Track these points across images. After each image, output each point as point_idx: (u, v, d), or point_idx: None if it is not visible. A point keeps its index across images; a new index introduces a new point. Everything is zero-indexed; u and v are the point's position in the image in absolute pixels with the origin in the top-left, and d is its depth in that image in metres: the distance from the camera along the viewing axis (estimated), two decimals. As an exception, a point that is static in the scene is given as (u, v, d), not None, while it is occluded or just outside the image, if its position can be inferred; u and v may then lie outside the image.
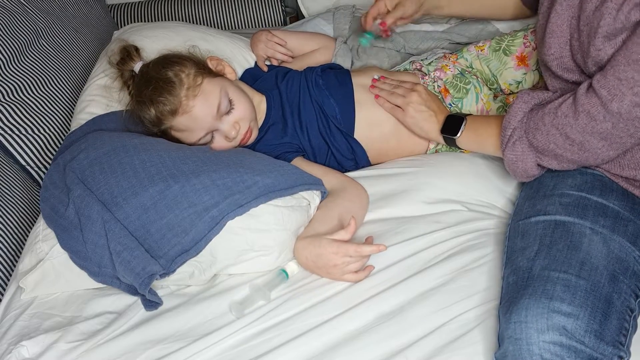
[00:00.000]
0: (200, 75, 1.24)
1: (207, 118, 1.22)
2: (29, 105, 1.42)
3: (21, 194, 1.34)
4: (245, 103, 1.28)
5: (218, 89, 1.24)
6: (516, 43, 1.35)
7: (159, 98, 1.21)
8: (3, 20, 1.45)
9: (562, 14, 0.99)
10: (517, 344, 0.86)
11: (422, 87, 1.29)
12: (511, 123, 1.05)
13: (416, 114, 1.25)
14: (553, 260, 0.92)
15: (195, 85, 1.22)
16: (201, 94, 1.22)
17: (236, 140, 1.27)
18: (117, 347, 1.01)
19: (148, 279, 1.02)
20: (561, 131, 0.97)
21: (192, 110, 1.21)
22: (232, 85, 1.29)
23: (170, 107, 1.20)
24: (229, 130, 1.24)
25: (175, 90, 1.21)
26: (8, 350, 1.02)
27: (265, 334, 1.00)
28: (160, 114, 1.22)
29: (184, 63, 1.25)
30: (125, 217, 1.06)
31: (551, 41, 1.02)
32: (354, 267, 1.04)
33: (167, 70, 1.23)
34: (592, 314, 0.86)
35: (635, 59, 0.86)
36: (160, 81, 1.22)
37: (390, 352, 0.94)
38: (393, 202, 1.20)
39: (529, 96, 1.05)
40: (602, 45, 0.92)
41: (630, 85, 0.87)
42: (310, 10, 2.00)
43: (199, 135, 1.24)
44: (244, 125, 1.26)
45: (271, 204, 1.08)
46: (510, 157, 1.06)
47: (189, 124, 1.23)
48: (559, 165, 1.03)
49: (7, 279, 1.22)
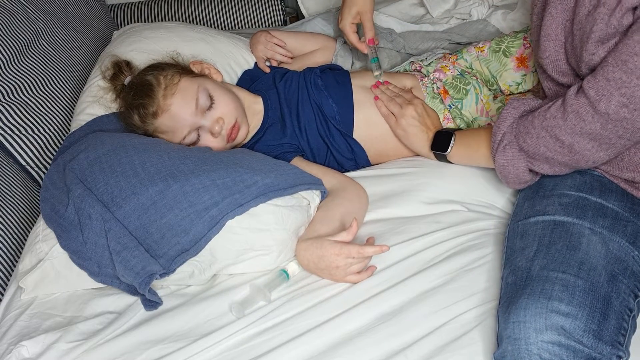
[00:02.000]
0: (177, 74, 1.26)
1: (186, 115, 1.23)
2: (29, 105, 1.42)
3: (21, 194, 1.34)
4: (227, 99, 1.28)
5: (196, 85, 1.25)
6: (516, 44, 1.35)
7: (139, 101, 1.24)
8: (3, 20, 1.45)
9: (556, 17, 0.99)
10: (516, 344, 0.86)
11: (420, 101, 1.29)
12: (501, 128, 1.05)
13: (407, 127, 1.26)
14: (552, 260, 0.93)
15: (172, 84, 1.24)
16: (178, 92, 1.23)
17: (223, 136, 1.26)
18: (117, 347, 1.01)
19: (148, 278, 1.02)
20: (550, 133, 0.97)
21: (170, 108, 1.23)
22: (213, 82, 1.30)
23: (150, 108, 1.23)
24: (212, 125, 1.24)
25: (153, 92, 1.23)
26: (8, 350, 1.02)
27: (266, 333, 1.00)
28: (142, 117, 1.24)
29: (164, 67, 1.28)
30: (125, 217, 1.06)
31: (546, 44, 1.02)
32: (356, 268, 1.04)
33: (146, 75, 1.27)
34: (590, 314, 0.86)
35: (624, 60, 0.87)
36: (140, 86, 1.26)
37: (390, 352, 0.94)
38: (393, 203, 1.20)
39: (519, 102, 1.05)
40: (595, 49, 0.92)
41: (617, 85, 0.88)
42: (310, 10, 2.00)
43: (182, 134, 1.24)
44: (229, 120, 1.26)
45: (271, 204, 1.08)
46: (501, 162, 1.06)
47: (170, 123, 1.24)
48: (550, 169, 1.03)
49: (7, 279, 1.22)
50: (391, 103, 1.30)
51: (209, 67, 1.36)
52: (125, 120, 1.29)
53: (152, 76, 1.25)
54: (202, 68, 1.35)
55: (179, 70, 1.28)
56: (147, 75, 1.26)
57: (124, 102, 1.31)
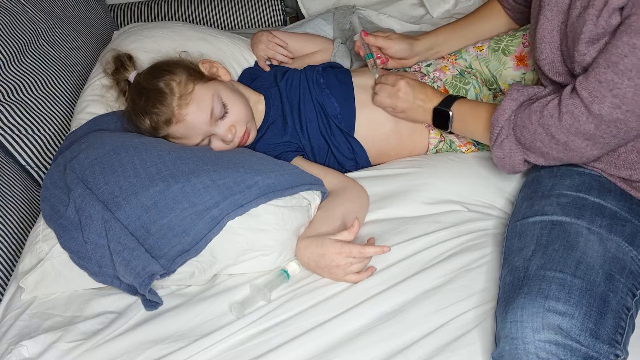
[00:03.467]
0: (191, 82, 1.24)
1: (201, 125, 1.22)
2: (29, 105, 1.42)
3: (21, 194, 1.34)
4: (240, 105, 1.27)
5: (210, 94, 1.23)
6: (515, 43, 1.35)
7: (152, 109, 1.22)
8: (3, 20, 1.45)
9: (551, 19, 1.00)
10: (513, 344, 0.86)
11: (404, 82, 1.26)
12: (499, 121, 1.06)
13: (407, 111, 1.27)
14: (549, 259, 0.93)
15: (186, 93, 1.22)
16: (193, 102, 1.22)
17: (234, 143, 1.27)
18: (117, 347, 1.01)
19: (148, 278, 1.02)
20: (547, 130, 0.98)
21: (186, 118, 1.21)
22: (225, 88, 1.28)
23: (164, 117, 1.21)
24: (225, 134, 1.24)
25: (167, 100, 1.21)
26: (8, 350, 1.02)
27: (266, 334, 1.00)
28: (155, 124, 1.23)
29: (175, 71, 1.25)
30: (126, 217, 1.06)
31: (542, 46, 1.03)
32: (356, 268, 1.05)
33: (158, 80, 1.23)
34: (587, 313, 0.86)
35: (615, 62, 0.87)
36: (151, 92, 1.22)
37: (390, 352, 0.94)
38: (393, 203, 1.20)
39: (519, 93, 1.06)
40: (585, 50, 0.93)
41: (609, 87, 0.88)
42: (310, 10, 2.00)
43: (196, 141, 1.25)
44: (240, 128, 1.26)
45: (271, 204, 1.08)
46: (498, 154, 1.07)
47: (184, 131, 1.23)
48: (545, 162, 1.04)
49: (7, 279, 1.22)
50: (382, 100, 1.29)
51: (217, 67, 1.34)
52: (132, 121, 1.27)
53: (164, 82, 1.22)
54: (211, 68, 1.33)
55: (191, 76, 1.25)
56: (158, 80, 1.23)
57: (132, 104, 1.28)
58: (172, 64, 1.29)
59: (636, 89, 0.87)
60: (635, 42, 0.85)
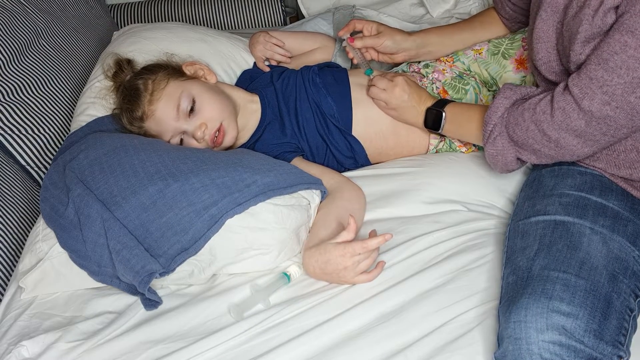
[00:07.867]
0: (165, 79, 1.26)
1: (168, 120, 1.24)
2: (29, 105, 1.42)
3: (21, 194, 1.34)
4: (214, 104, 1.27)
5: (180, 90, 1.25)
6: (515, 46, 1.35)
7: (127, 106, 1.27)
8: (3, 20, 1.45)
9: (547, 19, 1.01)
10: (517, 344, 0.86)
11: (402, 79, 1.26)
12: (492, 119, 1.06)
13: (398, 107, 1.27)
14: (552, 260, 0.93)
15: (159, 89, 1.25)
16: (163, 97, 1.25)
17: (205, 141, 1.26)
18: (117, 347, 1.01)
19: (147, 277, 1.02)
20: (539, 127, 0.99)
21: (155, 113, 1.25)
22: (201, 86, 1.29)
23: (136, 113, 1.25)
24: (193, 131, 1.25)
25: (139, 96, 1.25)
26: (8, 350, 1.02)
27: (266, 334, 1.00)
28: (130, 120, 1.27)
29: (156, 71, 1.29)
30: (125, 216, 1.06)
31: (539, 47, 1.04)
32: (364, 266, 1.03)
33: (137, 79, 1.28)
34: (591, 314, 0.86)
35: (605, 59, 0.88)
36: (130, 90, 1.28)
37: (390, 352, 0.94)
38: (393, 202, 1.20)
39: (512, 91, 1.06)
40: (581, 49, 0.94)
41: (599, 84, 0.89)
42: (310, 10, 2.00)
43: (167, 138, 1.26)
44: (212, 126, 1.25)
45: (270, 203, 1.08)
46: (491, 151, 1.08)
47: (156, 127, 1.26)
48: (537, 159, 1.04)
49: (7, 279, 1.22)
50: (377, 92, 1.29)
51: (202, 68, 1.35)
52: (118, 121, 1.32)
53: (142, 80, 1.27)
54: (195, 69, 1.34)
55: (169, 74, 1.28)
56: (138, 79, 1.28)
57: (118, 104, 1.33)
58: (156, 65, 1.33)
59: (625, 86, 0.88)
60: (627, 40, 0.85)
